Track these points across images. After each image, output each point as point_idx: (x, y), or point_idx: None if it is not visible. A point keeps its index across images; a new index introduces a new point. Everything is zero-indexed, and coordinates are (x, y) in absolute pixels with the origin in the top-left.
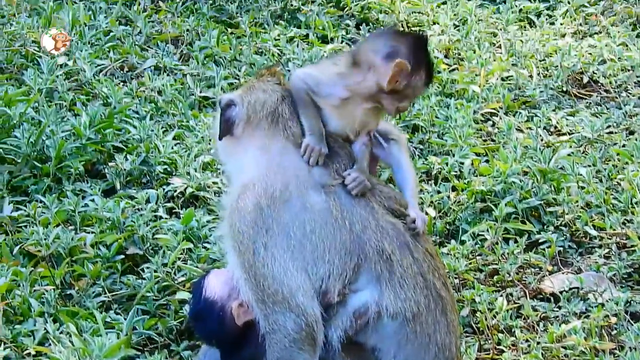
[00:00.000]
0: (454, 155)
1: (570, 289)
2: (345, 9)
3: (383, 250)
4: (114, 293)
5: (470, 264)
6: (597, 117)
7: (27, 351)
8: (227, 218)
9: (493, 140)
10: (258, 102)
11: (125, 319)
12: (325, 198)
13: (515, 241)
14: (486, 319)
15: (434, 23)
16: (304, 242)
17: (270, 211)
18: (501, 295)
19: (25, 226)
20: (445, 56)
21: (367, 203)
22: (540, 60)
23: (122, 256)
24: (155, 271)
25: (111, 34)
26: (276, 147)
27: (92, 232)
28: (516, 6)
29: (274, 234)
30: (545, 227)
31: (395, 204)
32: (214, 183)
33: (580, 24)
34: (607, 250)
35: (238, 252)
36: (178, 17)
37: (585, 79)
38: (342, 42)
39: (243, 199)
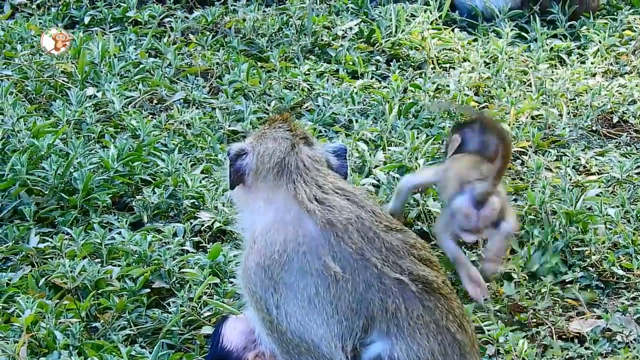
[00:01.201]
0: None
1: (596, 330)
2: (376, 45)
3: (387, 309)
4: (139, 327)
5: (496, 302)
6: (626, 157)
7: None
8: (239, 274)
9: (522, 179)
10: (267, 152)
11: (150, 353)
12: (325, 260)
13: (541, 281)
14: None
15: (465, 60)
16: (313, 302)
17: (272, 272)
18: (526, 335)
19: (52, 258)
20: (476, 94)
21: (368, 262)
22: (570, 100)
23: (148, 290)
24: (181, 305)
25: (141, 66)
26: (280, 201)
27: (119, 265)
28: (547, 44)
29: (282, 293)
30: (572, 267)
31: (404, 257)
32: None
33: (611, 64)
34: (634, 292)
35: (254, 309)
36: (208, 50)
37: (615, 119)
38: (372, 78)
39: (248, 257)
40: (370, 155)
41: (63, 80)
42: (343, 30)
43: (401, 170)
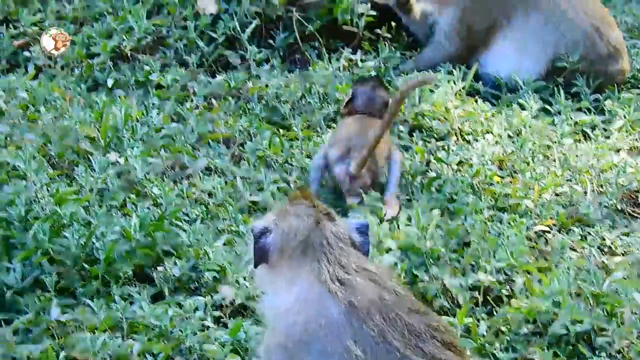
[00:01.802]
0: (505, 274)
1: None
2: (398, 117)
3: None
4: None
5: None
6: None
7: None
8: (260, 354)
9: (546, 259)
10: (291, 230)
11: None
12: (347, 343)
13: None
14: None
15: (488, 132)
16: None
17: (294, 353)
18: None
19: (73, 331)
20: (500, 168)
21: (390, 345)
22: (594, 176)
23: None
24: None
25: (163, 131)
26: (303, 281)
27: (140, 340)
28: (571, 118)
29: None
30: (597, 352)
31: (427, 341)
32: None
33: (636, 139)
34: None
35: None
36: (230, 116)
37: None
38: None
39: (270, 337)
40: (386, 232)
41: (86, 145)
42: None
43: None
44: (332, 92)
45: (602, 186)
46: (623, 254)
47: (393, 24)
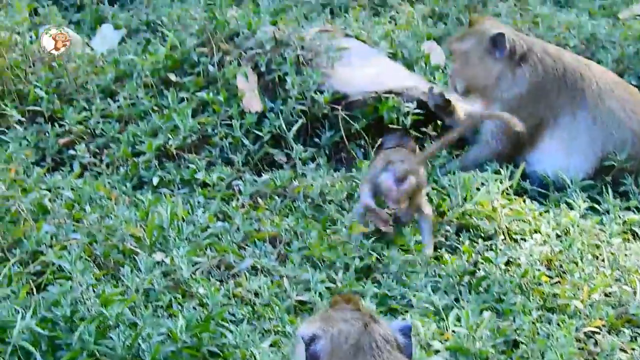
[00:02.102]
0: None
1: None
2: (445, 216)
3: None
4: None
5: None
6: None
7: None
8: None
9: None
10: (342, 335)
11: None
12: None
13: None
14: None
15: (536, 232)
16: None
17: None
18: None
19: None
20: (548, 268)
21: None
22: None
23: None
24: None
25: (209, 230)
26: None
27: None
28: (620, 217)
29: None
30: None
31: None
32: None
33: None
34: None
35: None
36: (276, 215)
37: None
38: (441, 248)
39: None
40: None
41: (132, 245)
42: None
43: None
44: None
45: None
46: None
47: (439, 122)
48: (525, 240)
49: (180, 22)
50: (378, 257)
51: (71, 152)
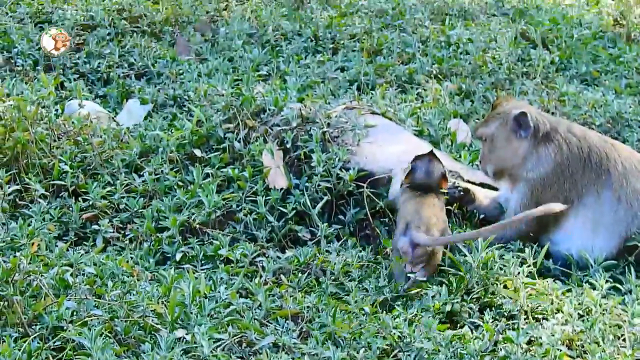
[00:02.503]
0: None
1: None
2: (471, 294)
3: None
4: None
5: None
6: None
7: None
8: None
9: None
10: None
11: None
12: None
13: None
14: None
15: (558, 311)
16: None
17: None
18: None
19: None
20: (569, 347)
21: None
22: None
23: None
24: None
25: (231, 307)
26: None
27: None
28: None
29: None
30: None
31: None
32: None
33: None
34: None
35: None
36: (299, 292)
37: None
38: (463, 326)
39: None
40: None
41: (153, 321)
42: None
43: None
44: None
45: None
46: None
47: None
48: (547, 319)
49: (207, 98)
50: (400, 335)
51: (94, 226)
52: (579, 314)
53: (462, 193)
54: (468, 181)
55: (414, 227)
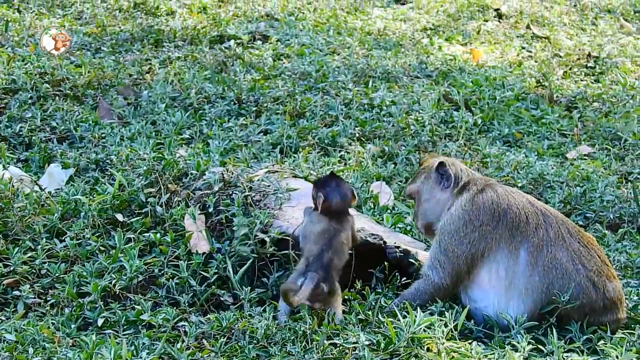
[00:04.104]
0: None
1: None
2: (396, 357)
3: None
4: None
5: None
6: None
7: None
8: None
9: None
10: None
11: None
12: None
13: None
14: None
15: None
16: None
17: None
18: None
19: None
20: None
21: None
22: None
23: None
24: None
25: None
26: None
27: None
28: (564, 358)
29: None
30: None
31: None
32: None
33: None
34: None
35: None
36: (222, 356)
37: None
38: None
39: None
40: None
41: None
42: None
43: None
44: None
45: None
46: None
47: (386, 263)
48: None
49: (129, 162)
50: None
51: (15, 292)
52: None
53: (402, 254)
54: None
55: (313, 276)
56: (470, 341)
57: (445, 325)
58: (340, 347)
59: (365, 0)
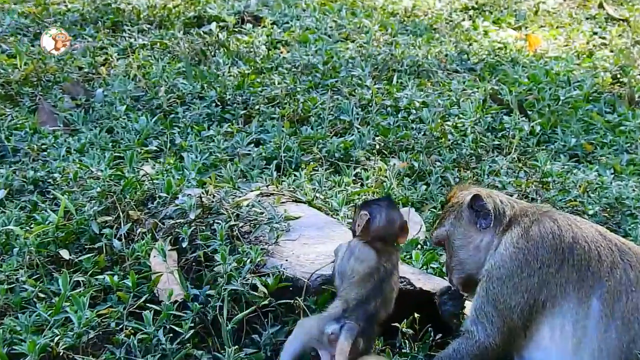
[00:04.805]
0: None
1: None
2: None
3: None
4: None
5: None
6: None
7: None
8: None
9: None
10: None
11: None
12: None
13: None
14: None
15: None
16: None
17: None
18: None
19: None
20: None
21: None
22: None
23: None
24: None
25: None
26: None
27: None
28: None
29: None
30: None
31: None
32: None
33: None
34: None
35: None
36: None
37: None
38: None
39: None
40: None
41: None
42: None
43: None
44: None
45: None
46: None
47: (416, 315)
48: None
49: (78, 182)
50: None
51: None
52: None
53: (456, 306)
54: (424, 290)
55: (352, 327)
56: None
57: None
58: None
59: None
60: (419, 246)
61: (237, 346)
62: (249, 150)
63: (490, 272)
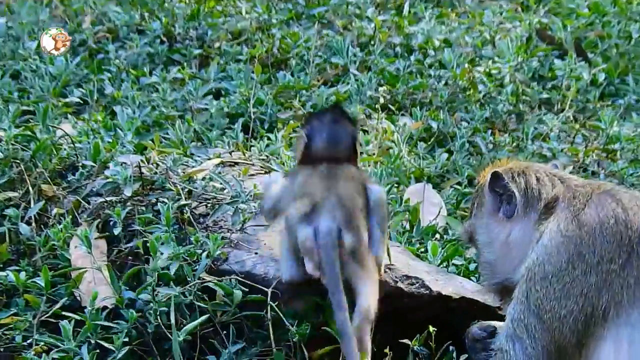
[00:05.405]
0: None
1: None
2: None
3: None
4: None
5: None
6: None
7: None
8: None
9: None
10: None
11: None
12: None
13: None
14: None
15: None
16: None
17: None
18: None
19: None
20: None
21: None
22: None
23: None
24: None
25: None
26: None
27: None
28: None
29: None
30: None
31: None
32: None
33: None
34: None
35: None
36: None
37: None
38: None
39: None
40: None
41: None
42: None
43: None
44: None
45: None
46: None
47: (432, 328)
48: None
49: None
50: None
51: None
52: None
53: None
54: (444, 295)
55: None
56: None
57: None
58: None
59: None
60: (438, 236)
61: None
62: (206, 104)
63: (531, 270)
